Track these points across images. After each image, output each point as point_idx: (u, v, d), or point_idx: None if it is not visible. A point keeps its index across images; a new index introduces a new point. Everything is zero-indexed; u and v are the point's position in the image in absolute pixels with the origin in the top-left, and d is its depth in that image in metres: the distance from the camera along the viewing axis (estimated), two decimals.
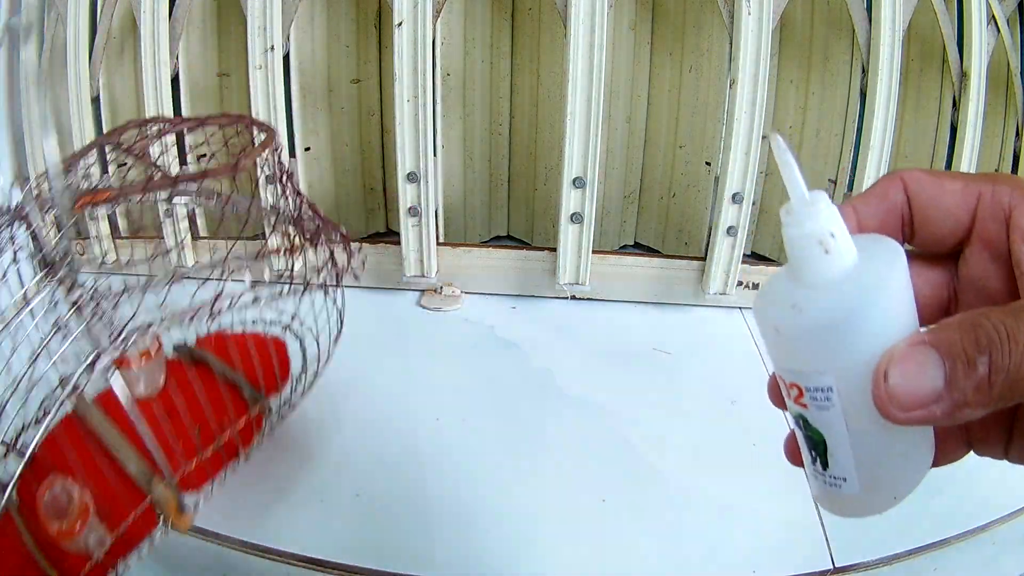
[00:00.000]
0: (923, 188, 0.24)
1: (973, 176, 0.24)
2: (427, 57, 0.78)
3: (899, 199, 0.24)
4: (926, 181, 0.24)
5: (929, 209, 0.24)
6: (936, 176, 0.24)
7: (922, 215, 0.24)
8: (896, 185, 0.24)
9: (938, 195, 0.24)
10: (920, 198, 0.24)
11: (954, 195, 0.23)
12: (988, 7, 0.80)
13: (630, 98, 0.96)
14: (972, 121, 0.82)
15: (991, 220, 0.23)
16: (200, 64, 0.96)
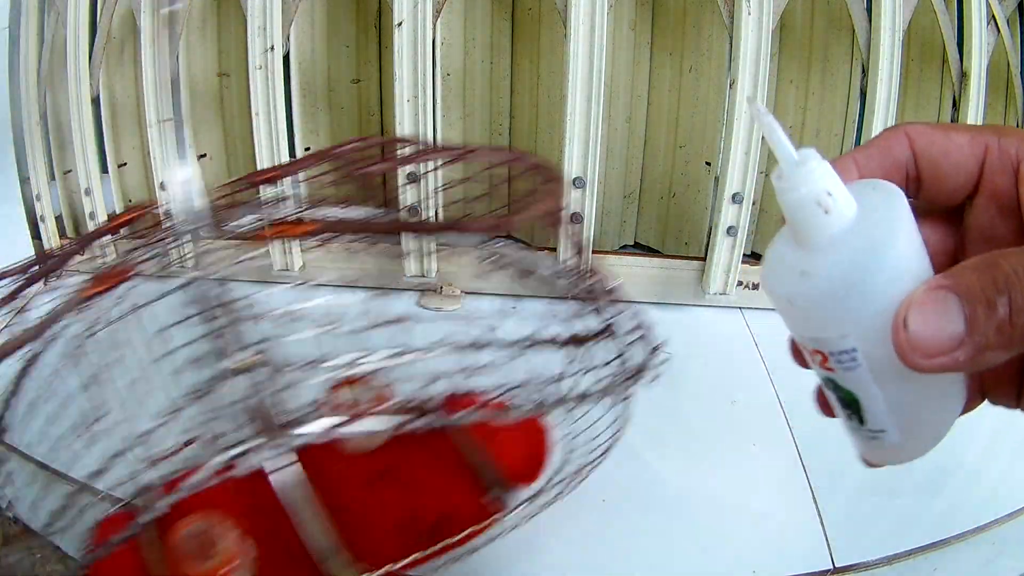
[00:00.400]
0: (930, 142, 0.23)
1: (979, 128, 0.23)
2: (427, 57, 0.78)
3: (903, 155, 0.24)
4: (933, 135, 0.23)
5: (937, 164, 0.23)
6: (942, 129, 0.23)
7: (930, 170, 0.23)
8: (900, 139, 0.24)
9: (946, 149, 0.23)
10: (927, 153, 0.23)
11: (961, 148, 0.23)
12: (988, 7, 0.80)
13: (630, 98, 0.96)
14: (972, 121, 0.82)
15: (999, 172, 0.22)
16: (200, 64, 0.96)
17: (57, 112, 0.96)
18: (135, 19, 0.86)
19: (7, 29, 0.91)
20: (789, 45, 0.93)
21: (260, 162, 0.85)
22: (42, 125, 0.95)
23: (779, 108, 0.95)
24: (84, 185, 0.94)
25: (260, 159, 0.85)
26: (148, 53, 0.85)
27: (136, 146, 1.00)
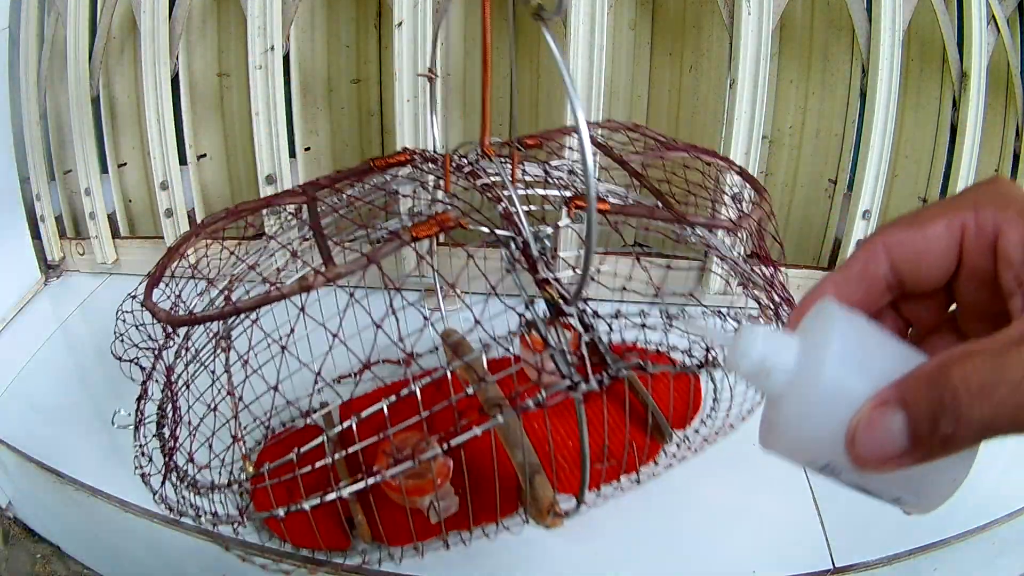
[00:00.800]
0: (907, 248, 0.23)
1: (955, 205, 0.22)
2: (427, 57, 0.78)
3: (881, 270, 0.23)
4: (908, 239, 0.22)
5: (916, 267, 0.23)
6: (918, 225, 0.22)
7: (911, 274, 0.23)
8: (876, 256, 0.23)
9: (923, 250, 0.22)
10: (905, 260, 0.23)
11: (939, 241, 0.22)
12: (988, 7, 0.80)
13: (630, 98, 0.96)
14: (972, 121, 0.82)
15: (977, 253, 0.22)
16: (200, 64, 0.96)
17: (57, 112, 0.96)
18: (135, 19, 0.86)
19: (7, 29, 0.91)
20: (789, 45, 0.93)
21: (260, 162, 0.85)
22: (42, 125, 0.95)
23: (779, 108, 0.96)
24: (84, 185, 0.94)
25: (260, 159, 0.85)
26: (148, 53, 0.85)
27: (136, 146, 1.00)
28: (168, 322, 0.39)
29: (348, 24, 0.98)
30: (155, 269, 0.46)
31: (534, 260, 0.40)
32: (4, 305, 0.90)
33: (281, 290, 0.34)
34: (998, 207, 0.21)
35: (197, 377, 0.47)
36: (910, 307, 0.24)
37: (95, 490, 0.62)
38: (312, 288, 0.34)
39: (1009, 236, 0.21)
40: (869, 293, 0.23)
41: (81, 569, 0.72)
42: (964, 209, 0.22)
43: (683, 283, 0.88)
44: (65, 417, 0.71)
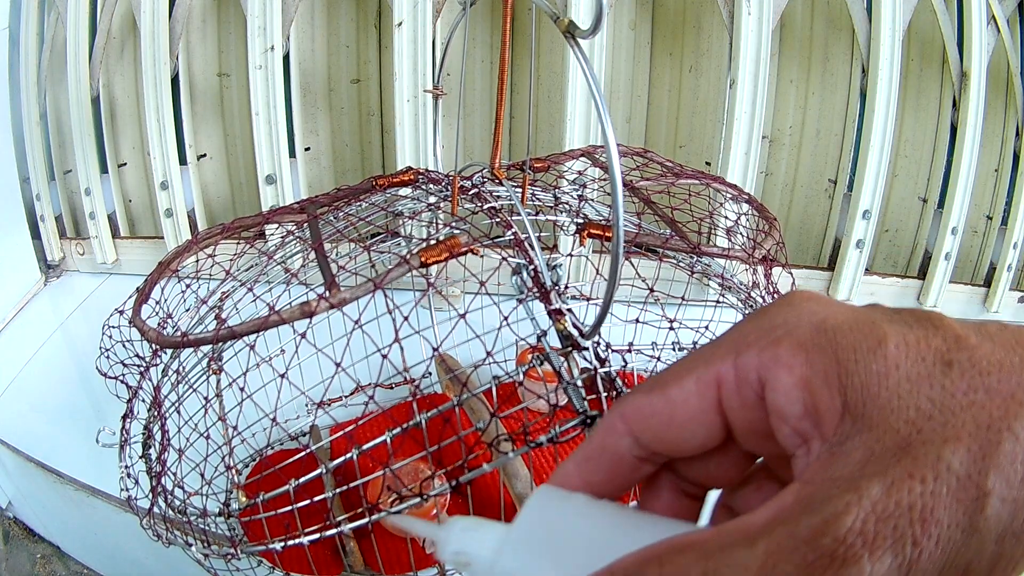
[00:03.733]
0: (649, 419, 0.19)
1: (711, 354, 0.18)
2: (427, 57, 0.78)
3: (623, 444, 0.19)
4: (649, 407, 0.19)
5: (663, 435, 0.19)
6: (659, 390, 0.19)
7: (660, 444, 0.19)
8: (614, 431, 0.19)
9: (668, 416, 0.18)
10: (648, 429, 0.19)
11: (686, 404, 0.18)
12: (988, 7, 0.80)
13: (630, 98, 0.96)
14: (972, 121, 0.82)
15: (743, 408, 0.17)
16: (200, 64, 0.96)
17: (57, 112, 0.96)
18: (135, 19, 0.86)
19: (7, 29, 0.91)
20: (789, 45, 0.93)
21: (260, 162, 0.85)
22: (42, 125, 0.95)
23: (779, 108, 0.96)
24: (84, 185, 0.94)
25: (260, 159, 0.85)
26: (148, 53, 0.85)
27: (136, 146, 1.00)
28: (158, 343, 0.38)
29: (348, 24, 0.98)
30: (144, 285, 0.44)
31: (547, 290, 0.38)
32: (4, 305, 0.90)
33: (281, 315, 0.33)
34: (763, 347, 0.17)
35: (186, 399, 0.46)
36: (696, 469, 0.20)
37: (95, 490, 0.62)
38: (315, 314, 0.33)
39: (777, 383, 0.16)
40: (614, 471, 0.20)
41: (81, 569, 0.72)
42: (719, 359, 0.18)
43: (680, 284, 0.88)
44: (65, 417, 0.71)
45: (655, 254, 0.46)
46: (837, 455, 0.15)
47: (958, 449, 0.14)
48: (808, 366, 0.16)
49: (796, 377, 0.16)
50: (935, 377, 0.15)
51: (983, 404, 0.15)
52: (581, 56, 0.30)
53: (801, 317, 0.17)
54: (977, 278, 0.93)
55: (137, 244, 0.97)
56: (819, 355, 0.16)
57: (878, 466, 0.14)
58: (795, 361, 0.16)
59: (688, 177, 0.54)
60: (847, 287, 0.86)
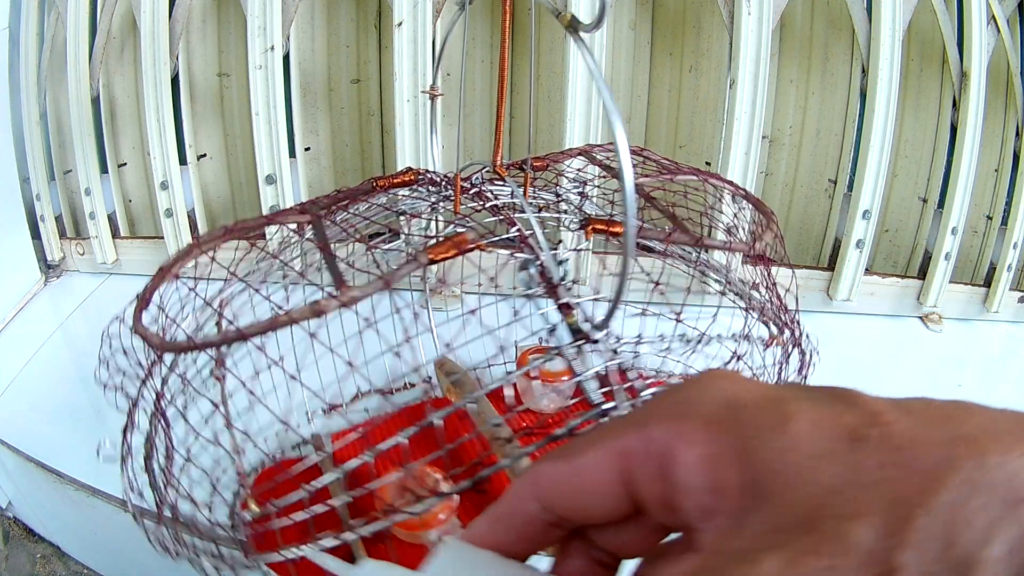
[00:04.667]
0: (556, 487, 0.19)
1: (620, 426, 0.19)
2: (427, 57, 0.78)
3: (532, 509, 0.20)
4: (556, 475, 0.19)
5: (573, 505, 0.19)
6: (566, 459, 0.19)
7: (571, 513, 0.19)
8: (523, 495, 0.20)
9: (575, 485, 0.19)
10: (557, 500, 0.19)
11: (592, 473, 0.18)
12: (988, 7, 0.80)
13: (630, 98, 0.96)
14: (972, 121, 0.82)
15: (649, 481, 0.18)
16: (200, 64, 0.96)
17: (57, 112, 0.96)
18: (135, 19, 0.86)
19: (7, 29, 0.91)
20: (789, 45, 0.93)
21: (260, 162, 0.85)
22: (42, 125, 0.95)
23: (779, 108, 0.96)
24: (84, 185, 0.94)
25: (260, 159, 0.85)
26: (148, 53, 0.85)
27: (136, 146, 1.00)
28: (162, 348, 0.36)
29: (348, 24, 0.98)
30: (144, 290, 0.43)
31: (555, 285, 0.38)
32: (4, 305, 0.90)
33: (291, 315, 0.32)
34: (670, 422, 0.17)
35: (188, 408, 0.45)
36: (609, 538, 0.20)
37: (95, 490, 0.62)
38: (326, 313, 0.32)
39: (682, 458, 0.17)
40: (524, 533, 0.20)
41: (81, 569, 0.72)
42: (627, 432, 0.18)
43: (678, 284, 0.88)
44: (65, 417, 0.71)
45: (653, 251, 0.46)
46: (737, 529, 0.15)
47: (864, 524, 0.14)
48: (711, 443, 0.17)
49: (699, 453, 0.17)
50: (841, 453, 0.15)
51: (895, 479, 0.14)
52: (586, 51, 0.30)
53: (711, 394, 0.18)
54: (977, 278, 0.93)
55: (137, 244, 0.97)
56: (723, 432, 0.16)
57: (778, 539, 0.14)
58: (698, 437, 0.17)
59: (686, 174, 0.54)
60: (847, 287, 0.86)
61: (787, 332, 0.48)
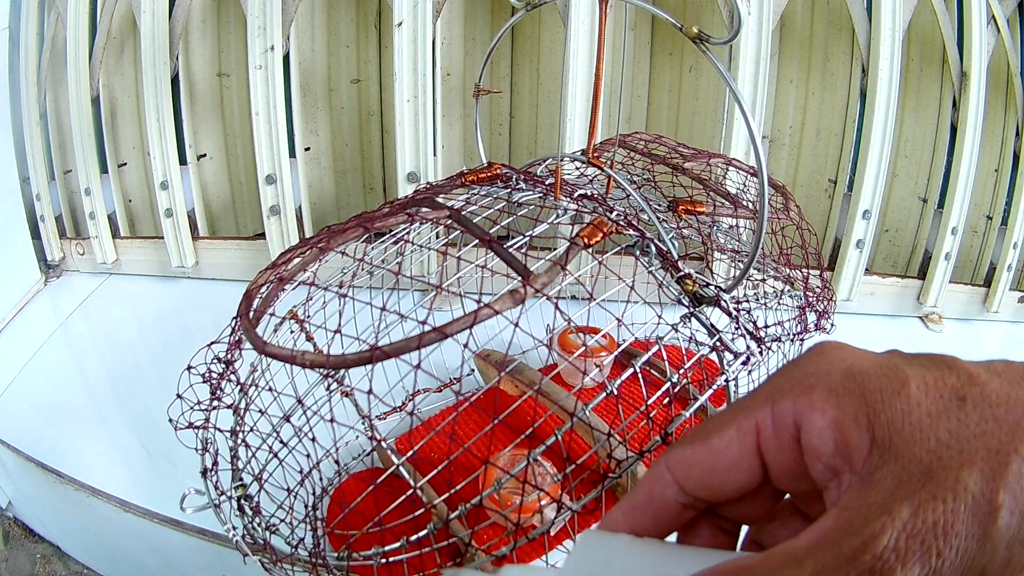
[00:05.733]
0: (693, 468, 0.21)
1: (748, 405, 0.20)
2: (427, 57, 0.78)
3: (669, 494, 0.21)
4: (693, 457, 0.21)
5: (708, 482, 0.21)
6: (702, 440, 0.21)
7: (705, 491, 0.21)
8: (660, 481, 0.21)
9: (711, 465, 0.20)
10: (692, 478, 0.21)
11: (728, 451, 0.20)
12: (988, 7, 0.80)
13: (630, 98, 0.96)
14: (972, 121, 0.82)
15: (780, 452, 0.20)
16: (200, 64, 0.96)
17: (57, 112, 0.96)
18: (135, 19, 0.86)
19: (7, 29, 0.91)
20: (789, 45, 0.93)
21: (260, 162, 0.85)
22: (42, 125, 0.95)
23: (779, 108, 0.96)
24: (84, 185, 0.94)
25: (260, 159, 0.85)
26: (148, 53, 0.85)
27: (136, 146, 1.00)
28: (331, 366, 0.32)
29: (348, 24, 0.98)
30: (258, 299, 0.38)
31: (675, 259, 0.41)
32: (4, 305, 0.90)
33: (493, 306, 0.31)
34: (797, 395, 0.19)
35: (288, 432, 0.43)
36: (733, 509, 0.22)
37: (95, 490, 0.62)
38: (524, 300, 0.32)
39: (811, 426, 0.19)
40: (659, 518, 0.21)
41: (81, 569, 0.72)
42: (757, 408, 0.20)
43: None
44: (65, 417, 0.71)
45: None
46: (869, 484, 0.17)
47: (973, 471, 0.16)
48: (839, 409, 0.18)
49: (828, 419, 0.18)
50: (952, 411, 0.17)
51: (993, 432, 0.17)
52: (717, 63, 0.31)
53: (831, 365, 0.20)
54: (977, 278, 0.93)
55: (137, 244, 0.97)
56: (848, 398, 0.18)
57: (906, 491, 0.16)
58: (827, 405, 0.19)
59: (716, 157, 0.62)
60: (847, 287, 0.86)
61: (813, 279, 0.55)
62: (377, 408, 0.58)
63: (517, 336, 0.34)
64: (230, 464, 0.44)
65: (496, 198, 0.46)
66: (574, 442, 0.53)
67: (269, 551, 0.41)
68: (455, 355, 0.39)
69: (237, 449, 0.43)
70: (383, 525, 0.43)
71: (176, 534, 0.58)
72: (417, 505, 0.47)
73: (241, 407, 0.43)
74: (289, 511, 0.42)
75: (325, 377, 0.48)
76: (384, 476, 0.51)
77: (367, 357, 0.29)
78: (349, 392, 0.50)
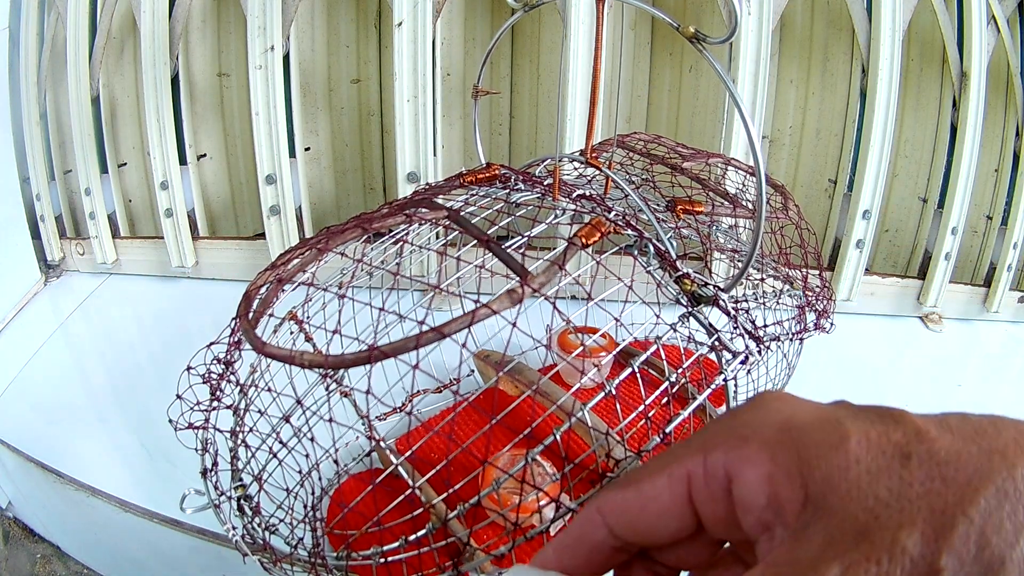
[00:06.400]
0: (623, 513, 0.21)
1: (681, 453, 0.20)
2: (427, 57, 0.78)
3: (599, 535, 0.21)
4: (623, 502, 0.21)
5: (637, 526, 0.21)
6: (633, 487, 0.21)
7: (635, 535, 0.21)
8: (591, 523, 0.21)
9: (641, 511, 0.20)
10: (623, 526, 0.21)
11: (658, 499, 0.20)
12: (988, 7, 0.80)
13: (630, 98, 0.96)
14: (972, 121, 0.82)
15: (711, 502, 0.19)
16: (200, 64, 0.96)
17: (57, 112, 0.96)
18: (135, 19, 0.86)
19: (7, 29, 0.91)
20: (789, 45, 0.93)
21: (260, 162, 0.85)
22: (42, 125, 0.95)
23: (779, 108, 0.96)
24: (84, 185, 0.94)
25: (260, 159, 0.85)
26: (148, 53, 0.85)
27: (136, 146, 1.00)
28: (330, 366, 0.32)
29: (348, 24, 0.98)
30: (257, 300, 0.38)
31: (673, 259, 0.41)
32: (4, 305, 0.90)
33: (490, 306, 0.31)
34: (730, 446, 0.19)
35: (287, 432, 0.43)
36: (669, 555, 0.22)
37: (95, 490, 0.62)
38: (522, 300, 0.32)
39: (743, 478, 0.18)
40: (590, 559, 0.21)
41: (81, 569, 0.72)
42: (689, 457, 0.20)
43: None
44: (65, 417, 0.71)
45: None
46: (800, 540, 0.17)
47: (913, 533, 0.15)
48: (772, 463, 0.18)
49: (761, 473, 0.18)
50: (894, 469, 0.17)
51: (939, 492, 0.16)
52: (714, 62, 0.31)
53: (768, 417, 0.19)
54: (977, 278, 0.93)
55: (137, 244, 0.97)
56: (782, 452, 0.18)
57: (837, 549, 0.16)
58: (760, 458, 0.18)
59: (714, 157, 0.61)
60: (847, 287, 0.86)
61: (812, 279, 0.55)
62: (376, 409, 0.58)
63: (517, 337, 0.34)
64: (230, 464, 0.44)
65: (495, 199, 0.46)
66: (573, 442, 0.53)
67: (268, 551, 0.41)
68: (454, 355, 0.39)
69: (237, 450, 0.43)
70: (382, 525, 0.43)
71: (176, 534, 0.58)
72: (416, 505, 0.47)
73: (241, 408, 0.43)
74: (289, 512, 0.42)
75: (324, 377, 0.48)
76: (383, 476, 0.51)
77: (365, 357, 0.29)
78: (348, 392, 0.50)
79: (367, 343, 0.30)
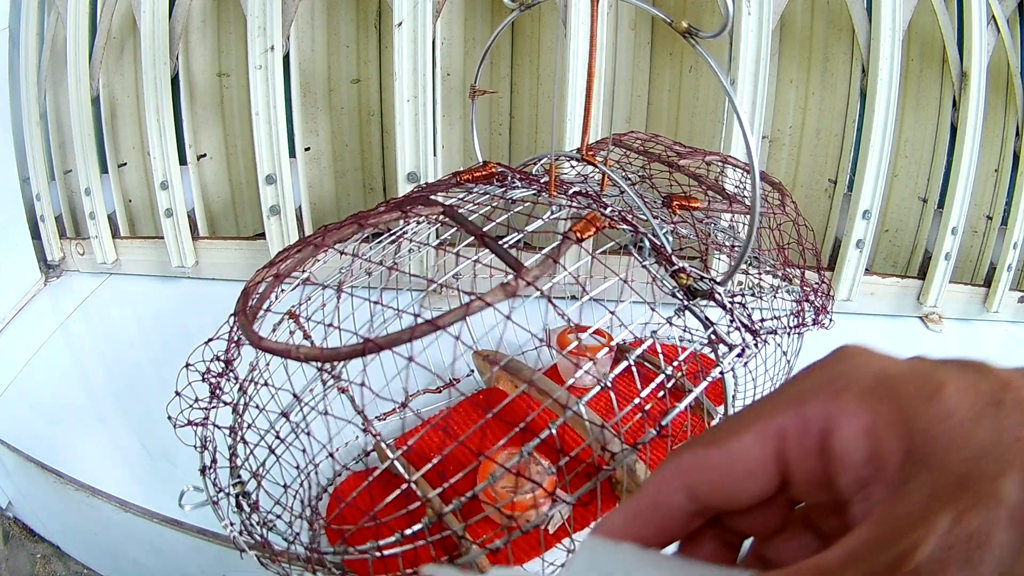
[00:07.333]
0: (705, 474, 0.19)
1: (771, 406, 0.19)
2: (427, 57, 0.78)
3: (675, 500, 0.19)
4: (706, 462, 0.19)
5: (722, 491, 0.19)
6: (717, 444, 0.19)
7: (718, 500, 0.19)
8: (667, 486, 0.19)
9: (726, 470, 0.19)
10: (705, 488, 0.19)
11: (745, 457, 0.18)
12: (988, 7, 0.80)
13: (630, 98, 0.96)
14: (972, 121, 0.82)
15: (805, 459, 0.18)
16: (200, 64, 0.96)
17: (57, 112, 0.96)
18: (135, 19, 0.86)
19: (7, 29, 0.91)
20: (789, 45, 0.93)
21: (260, 162, 0.85)
22: (42, 125, 0.95)
23: (779, 108, 0.96)
24: (84, 185, 0.94)
25: (260, 159, 0.85)
26: (148, 53, 0.85)
27: (136, 146, 1.00)
28: (325, 358, 0.31)
29: (348, 24, 0.98)
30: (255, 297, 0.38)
31: (668, 254, 0.41)
32: (4, 305, 0.90)
33: (485, 298, 0.30)
34: (828, 397, 0.18)
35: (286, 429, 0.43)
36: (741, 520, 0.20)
37: (95, 490, 0.62)
38: (516, 293, 0.31)
39: (843, 432, 0.17)
40: (664, 526, 0.20)
41: (81, 569, 0.72)
42: (782, 411, 0.18)
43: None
44: (65, 417, 0.71)
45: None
46: (902, 495, 0.16)
47: (1012, 479, 0.15)
48: (872, 414, 0.17)
49: (861, 425, 0.17)
50: (988, 417, 0.16)
51: None
52: (707, 56, 0.31)
53: (861, 369, 0.18)
54: (977, 278, 0.93)
55: (137, 244, 0.97)
56: (882, 404, 0.17)
57: (943, 501, 0.15)
58: (860, 410, 0.17)
59: (711, 155, 0.61)
60: (847, 287, 0.86)
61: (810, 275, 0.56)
62: (374, 405, 0.58)
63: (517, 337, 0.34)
64: (228, 461, 0.44)
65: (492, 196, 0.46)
66: (568, 436, 0.53)
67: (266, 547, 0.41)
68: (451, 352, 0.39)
69: (236, 447, 0.43)
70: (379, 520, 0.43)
71: (176, 533, 0.58)
72: (412, 500, 0.47)
73: (240, 405, 0.43)
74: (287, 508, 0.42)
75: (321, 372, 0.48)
76: (379, 471, 0.51)
77: (360, 349, 0.29)
78: (346, 388, 0.50)
79: (364, 338, 0.30)
